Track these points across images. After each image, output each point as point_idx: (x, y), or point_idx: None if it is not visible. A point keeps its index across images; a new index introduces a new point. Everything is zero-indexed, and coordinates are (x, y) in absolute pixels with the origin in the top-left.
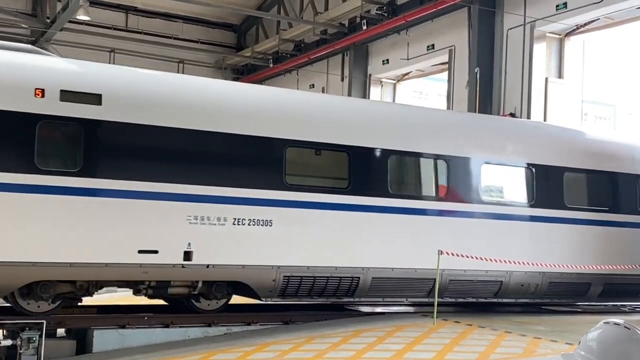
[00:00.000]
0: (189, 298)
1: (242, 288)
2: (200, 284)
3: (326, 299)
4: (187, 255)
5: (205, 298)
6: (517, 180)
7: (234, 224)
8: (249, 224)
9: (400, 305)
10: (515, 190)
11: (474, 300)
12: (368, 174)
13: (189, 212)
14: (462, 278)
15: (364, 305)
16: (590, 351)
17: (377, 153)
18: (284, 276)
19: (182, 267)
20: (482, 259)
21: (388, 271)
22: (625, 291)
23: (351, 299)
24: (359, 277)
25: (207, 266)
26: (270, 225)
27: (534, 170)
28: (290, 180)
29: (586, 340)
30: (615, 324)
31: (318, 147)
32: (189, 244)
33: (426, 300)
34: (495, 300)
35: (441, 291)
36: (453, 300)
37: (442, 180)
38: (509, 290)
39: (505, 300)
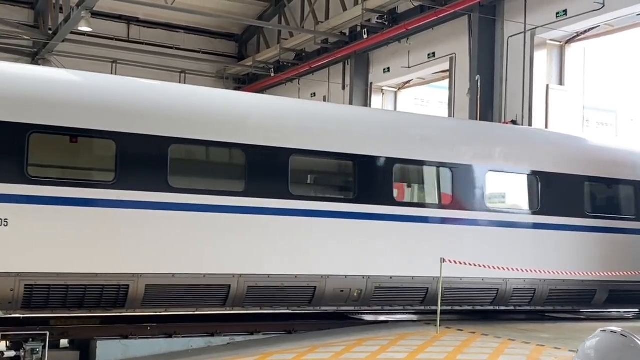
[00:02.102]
0: None
1: None
2: None
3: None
4: None
5: None
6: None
7: None
8: None
9: (404, 313)
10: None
11: (470, 308)
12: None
13: None
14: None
15: (367, 314)
16: (588, 359)
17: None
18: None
19: None
20: (480, 266)
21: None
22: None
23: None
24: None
25: None
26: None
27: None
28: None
29: (584, 348)
30: (612, 332)
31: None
32: None
33: (430, 308)
34: (496, 307)
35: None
36: (450, 308)
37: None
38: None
39: (508, 308)
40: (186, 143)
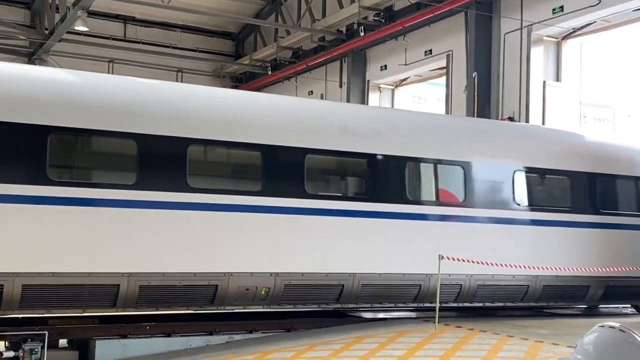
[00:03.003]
0: None
1: None
2: None
3: None
4: None
5: None
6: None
7: None
8: None
9: (402, 310)
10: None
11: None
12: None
13: None
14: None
15: (365, 311)
16: (586, 355)
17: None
18: None
19: None
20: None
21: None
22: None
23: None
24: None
25: None
26: None
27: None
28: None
29: (582, 343)
30: (610, 327)
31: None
32: None
33: (428, 305)
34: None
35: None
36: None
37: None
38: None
39: (506, 305)
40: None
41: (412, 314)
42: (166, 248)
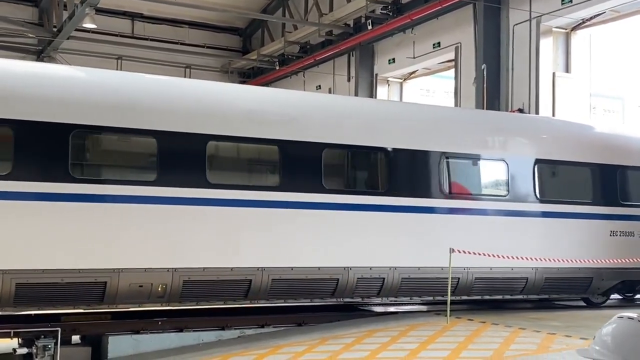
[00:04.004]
0: None
1: None
2: None
3: None
4: None
5: None
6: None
7: None
8: None
9: (413, 304)
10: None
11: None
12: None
13: None
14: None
15: (376, 305)
16: (605, 346)
17: None
18: None
19: None
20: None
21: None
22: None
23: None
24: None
25: None
26: None
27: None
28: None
29: (601, 335)
30: (629, 318)
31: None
32: None
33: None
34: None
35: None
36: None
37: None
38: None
39: (517, 297)
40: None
41: (424, 308)
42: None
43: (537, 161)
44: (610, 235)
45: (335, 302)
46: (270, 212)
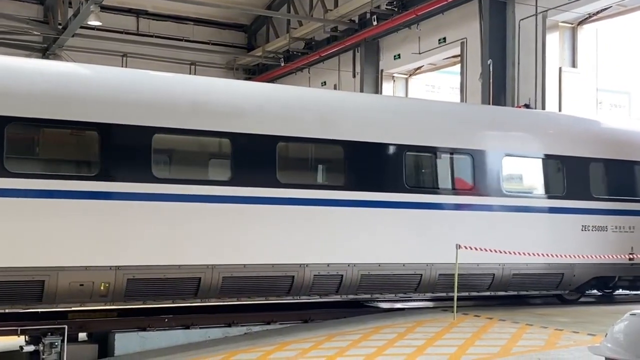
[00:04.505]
0: None
1: None
2: None
3: None
4: None
5: None
6: None
7: None
8: None
9: (419, 300)
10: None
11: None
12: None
13: None
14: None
15: (382, 301)
16: (617, 343)
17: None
18: None
19: None
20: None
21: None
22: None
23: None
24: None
25: None
26: None
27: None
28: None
29: (613, 332)
30: None
31: None
32: None
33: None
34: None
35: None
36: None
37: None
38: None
39: (524, 293)
40: None
41: (430, 304)
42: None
43: (506, 155)
44: (582, 230)
45: (341, 298)
46: (221, 207)
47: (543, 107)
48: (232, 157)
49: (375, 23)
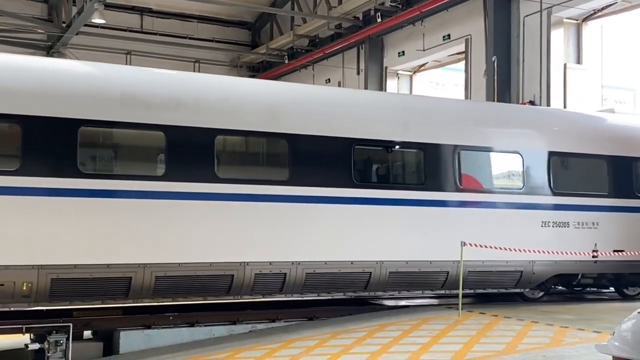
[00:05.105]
0: None
1: None
2: None
3: None
4: None
5: None
6: None
7: None
8: None
9: (425, 297)
10: None
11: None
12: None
13: None
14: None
15: (387, 299)
16: (624, 342)
17: None
18: None
19: None
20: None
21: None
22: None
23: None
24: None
25: None
26: None
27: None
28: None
29: (620, 330)
30: None
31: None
32: None
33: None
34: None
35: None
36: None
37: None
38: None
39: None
40: None
41: (435, 301)
42: None
43: (458, 147)
44: (542, 226)
45: (345, 296)
46: (154, 203)
47: (548, 104)
48: (167, 152)
49: (379, 20)
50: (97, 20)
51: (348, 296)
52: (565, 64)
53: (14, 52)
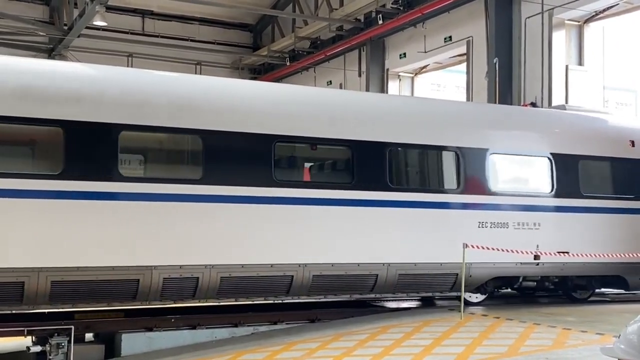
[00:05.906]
0: None
1: None
2: None
3: None
4: None
5: None
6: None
7: None
8: None
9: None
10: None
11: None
12: None
13: None
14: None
15: (389, 301)
16: (631, 345)
17: None
18: None
19: None
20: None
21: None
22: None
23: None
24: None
25: None
26: None
27: None
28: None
29: (626, 333)
30: None
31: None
32: None
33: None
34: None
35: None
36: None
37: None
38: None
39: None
40: None
41: (437, 303)
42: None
43: (389, 145)
44: (479, 227)
45: (348, 298)
46: (50, 203)
47: (549, 106)
48: (64, 147)
49: (380, 22)
50: (99, 22)
51: (350, 298)
52: (566, 66)
53: (15, 54)
